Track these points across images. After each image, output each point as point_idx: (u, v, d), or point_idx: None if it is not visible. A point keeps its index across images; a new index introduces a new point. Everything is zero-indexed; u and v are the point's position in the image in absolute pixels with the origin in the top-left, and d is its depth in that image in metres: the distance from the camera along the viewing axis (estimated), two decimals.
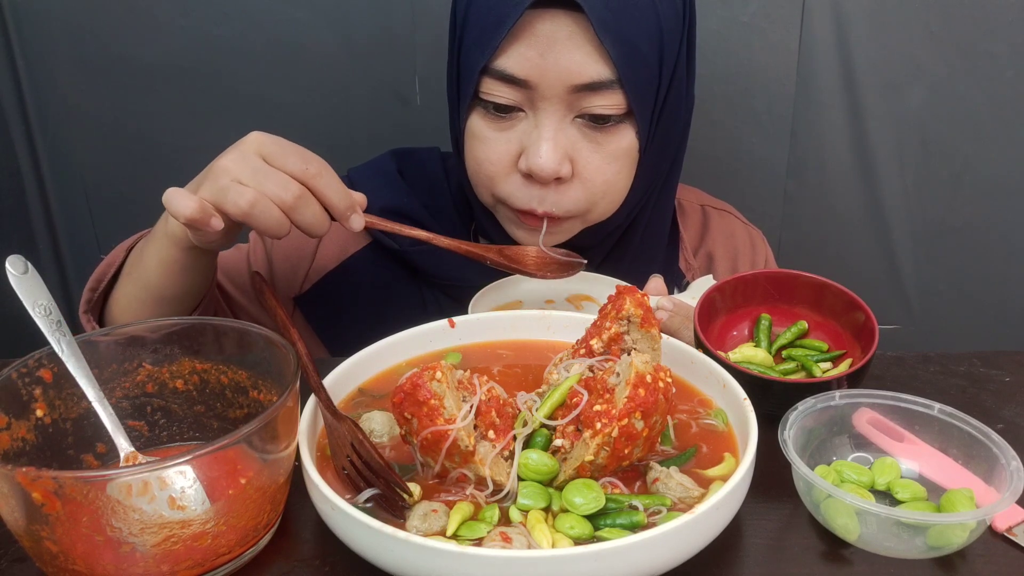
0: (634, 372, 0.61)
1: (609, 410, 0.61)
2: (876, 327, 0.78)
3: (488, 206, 1.00)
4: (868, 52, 1.35)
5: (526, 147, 0.90)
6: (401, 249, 1.04)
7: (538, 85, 0.87)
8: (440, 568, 0.53)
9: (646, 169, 0.97)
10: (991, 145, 1.41)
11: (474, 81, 0.90)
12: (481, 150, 0.94)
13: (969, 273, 1.51)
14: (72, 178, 1.48)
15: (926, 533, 0.60)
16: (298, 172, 0.78)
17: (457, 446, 0.60)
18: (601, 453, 0.61)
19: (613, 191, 0.95)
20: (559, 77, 0.86)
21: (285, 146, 0.79)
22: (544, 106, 0.89)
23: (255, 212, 0.76)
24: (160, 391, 0.71)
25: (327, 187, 0.79)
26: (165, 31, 1.36)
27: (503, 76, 0.88)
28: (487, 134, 0.93)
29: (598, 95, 0.88)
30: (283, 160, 0.78)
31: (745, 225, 1.19)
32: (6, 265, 0.68)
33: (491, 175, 0.94)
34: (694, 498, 0.61)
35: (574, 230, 0.98)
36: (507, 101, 0.90)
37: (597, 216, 0.97)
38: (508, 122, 0.92)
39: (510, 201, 0.94)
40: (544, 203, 0.92)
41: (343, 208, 0.81)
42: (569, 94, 0.87)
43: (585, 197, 0.93)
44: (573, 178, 0.92)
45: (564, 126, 0.90)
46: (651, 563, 0.55)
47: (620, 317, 0.70)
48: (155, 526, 0.56)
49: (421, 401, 0.60)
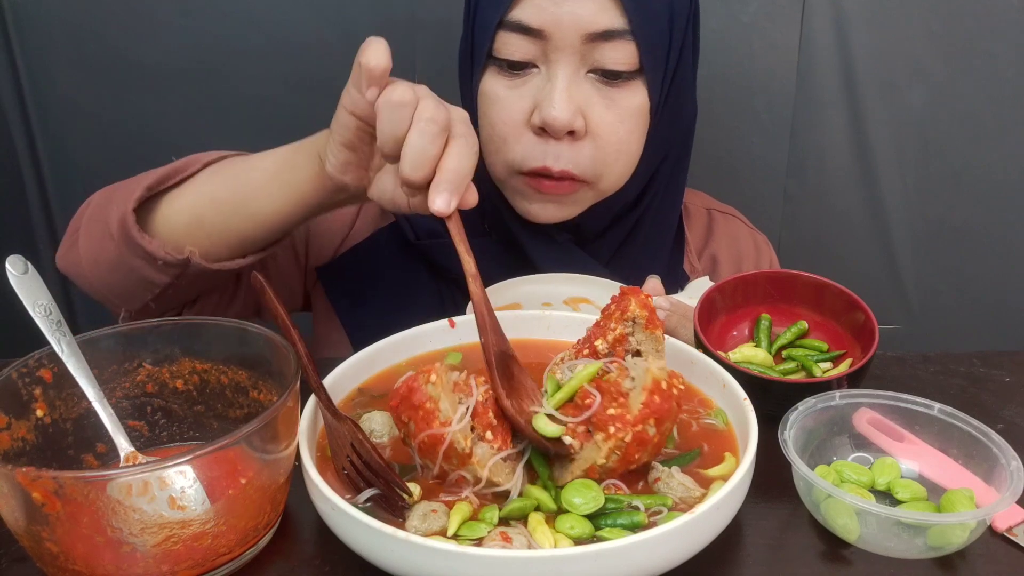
0: (651, 378, 0.61)
1: (623, 415, 0.61)
2: (876, 327, 0.78)
3: (499, 181, 0.99)
4: (868, 52, 1.35)
5: (539, 101, 0.91)
6: (417, 241, 1.04)
7: (552, 35, 0.89)
8: (440, 568, 0.53)
9: (655, 141, 0.97)
10: (991, 145, 1.41)
11: (489, 37, 0.92)
12: (495, 111, 0.95)
13: (969, 273, 1.50)
14: (72, 178, 1.48)
15: (926, 533, 0.60)
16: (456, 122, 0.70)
17: (454, 448, 0.60)
18: (612, 457, 0.61)
19: (626, 154, 0.96)
20: (573, 25, 0.88)
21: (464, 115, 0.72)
22: (557, 57, 0.90)
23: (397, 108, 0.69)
24: (160, 391, 0.71)
25: (457, 149, 0.69)
26: (165, 31, 1.36)
27: (518, 27, 0.90)
28: (501, 92, 0.94)
29: (611, 46, 0.89)
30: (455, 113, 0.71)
31: (750, 229, 1.19)
32: (6, 265, 0.68)
33: (504, 136, 0.95)
34: (695, 498, 0.61)
35: (585, 202, 0.98)
36: (522, 56, 0.91)
37: (609, 184, 0.97)
38: (522, 78, 0.93)
39: (524, 163, 0.94)
40: (560, 160, 0.93)
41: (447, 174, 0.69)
42: (583, 44, 0.89)
43: (599, 156, 0.94)
44: (586, 136, 0.93)
45: (578, 79, 0.91)
46: (651, 563, 0.55)
47: (625, 318, 0.70)
48: (155, 526, 0.56)
49: (416, 405, 0.60)
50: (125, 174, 1.31)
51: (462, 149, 0.69)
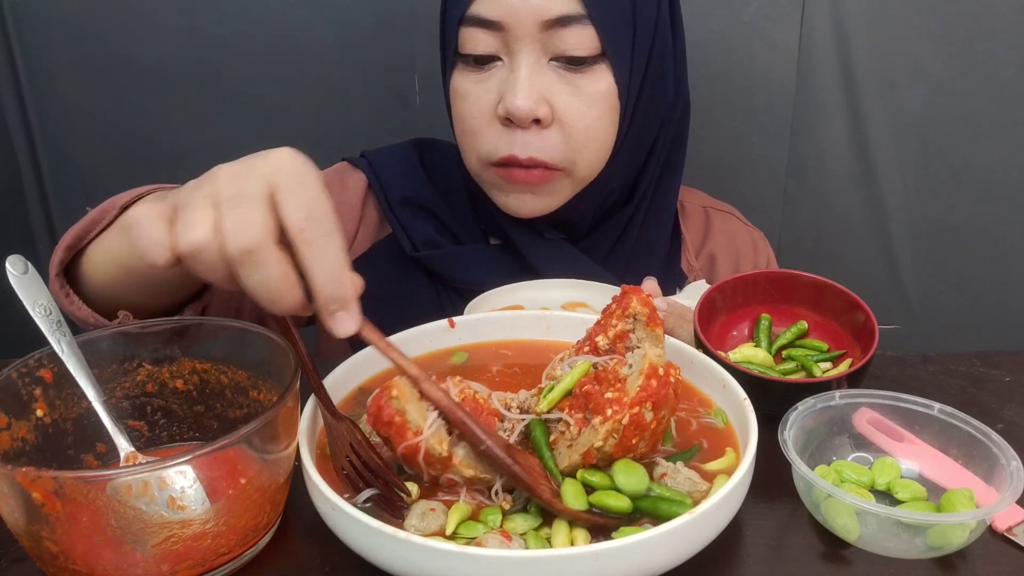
0: (648, 363, 0.62)
1: (621, 398, 0.61)
2: (876, 327, 0.78)
3: (475, 175, 1.01)
4: (868, 52, 1.35)
5: (503, 92, 0.92)
6: (416, 253, 1.04)
7: (511, 25, 0.90)
8: (440, 568, 0.53)
9: (633, 129, 0.98)
10: (991, 145, 1.41)
11: (454, 35, 0.93)
12: (464, 107, 0.96)
13: (969, 273, 1.50)
14: (72, 178, 1.48)
15: (926, 533, 0.60)
16: (292, 225, 0.55)
17: (432, 455, 0.60)
18: (610, 440, 0.61)
19: (596, 140, 0.96)
20: (529, 14, 0.89)
21: (302, 183, 0.56)
22: (519, 48, 0.91)
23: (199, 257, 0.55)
24: (160, 391, 0.71)
25: (316, 260, 0.55)
26: (165, 31, 1.36)
27: (478, 21, 0.91)
28: (468, 88, 0.95)
29: (569, 32, 0.90)
30: (285, 198, 0.55)
31: (747, 227, 1.19)
32: (6, 265, 0.68)
33: (474, 130, 0.96)
34: (702, 492, 0.62)
35: (563, 192, 0.98)
36: (484, 49, 0.93)
37: (584, 171, 0.97)
38: (486, 72, 0.94)
39: (493, 154, 0.95)
40: (527, 148, 0.93)
41: (326, 296, 0.56)
42: (541, 32, 0.90)
43: (567, 143, 0.94)
44: (553, 123, 0.93)
45: (540, 68, 0.92)
46: (651, 563, 0.55)
47: (626, 315, 0.70)
48: (155, 526, 0.56)
49: (387, 421, 0.61)
50: (125, 174, 1.31)
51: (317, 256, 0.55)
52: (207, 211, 0.55)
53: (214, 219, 0.55)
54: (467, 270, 1.03)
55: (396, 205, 1.07)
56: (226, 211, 0.55)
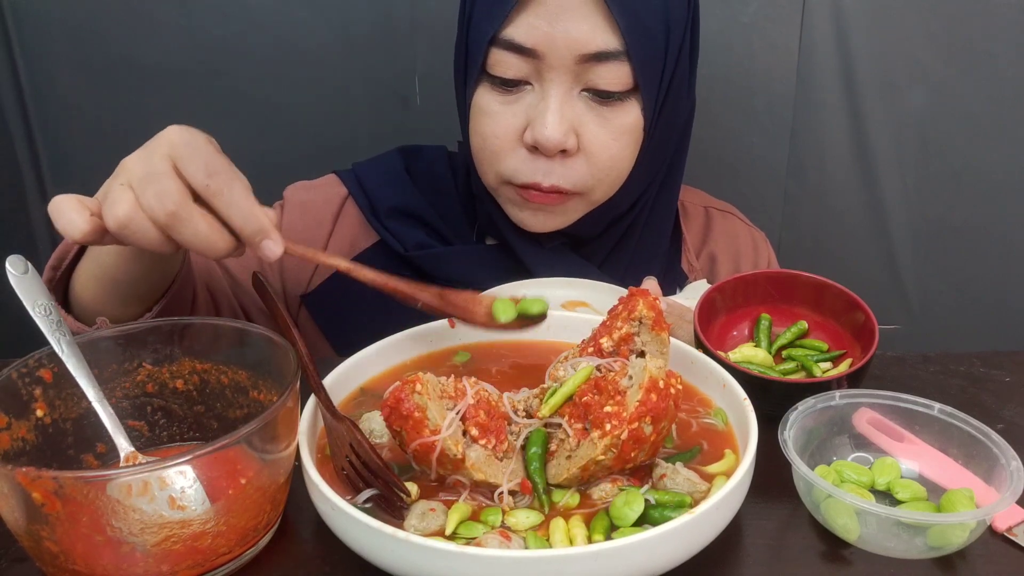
0: (648, 376, 0.61)
1: (620, 412, 0.61)
2: (876, 327, 0.78)
3: (491, 188, 1.00)
4: (868, 52, 1.35)
5: (532, 119, 0.91)
6: (406, 253, 1.04)
7: (546, 55, 0.88)
8: (440, 568, 0.53)
9: (649, 154, 0.97)
10: (991, 145, 1.41)
11: (482, 53, 0.91)
12: (487, 125, 0.94)
13: (969, 273, 1.50)
14: (72, 178, 1.48)
15: (926, 533, 0.60)
16: (197, 184, 0.65)
17: (446, 455, 0.61)
18: (608, 454, 0.61)
19: (617, 169, 0.96)
20: (567, 46, 0.87)
21: (195, 149, 0.66)
22: (551, 76, 0.89)
23: (130, 227, 0.64)
24: (160, 391, 0.71)
25: (228, 206, 0.65)
26: (165, 31, 1.36)
27: (511, 46, 0.89)
28: (494, 107, 0.93)
29: (605, 67, 0.88)
30: (185, 165, 0.65)
31: (748, 226, 1.19)
32: (6, 265, 0.68)
33: (496, 150, 0.94)
34: (702, 492, 0.62)
35: (577, 212, 0.98)
36: (514, 74, 0.90)
37: (600, 196, 0.97)
38: (515, 95, 0.92)
39: (515, 177, 0.94)
40: (550, 176, 0.92)
41: (249, 232, 0.66)
42: (576, 64, 0.88)
43: (590, 172, 0.94)
44: (578, 152, 0.93)
45: (571, 98, 0.91)
46: (651, 563, 0.55)
47: (632, 318, 0.70)
48: (155, 526, 0.56)
49: (405, 415, 0.61)
50: None
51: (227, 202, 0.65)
52: (127, 192, 0.65)
53: (134, 197, 0.65)
54: (461, 270, 1.03)
55: (384, 215, 1.06)
56: (143, 189, 0.64)
